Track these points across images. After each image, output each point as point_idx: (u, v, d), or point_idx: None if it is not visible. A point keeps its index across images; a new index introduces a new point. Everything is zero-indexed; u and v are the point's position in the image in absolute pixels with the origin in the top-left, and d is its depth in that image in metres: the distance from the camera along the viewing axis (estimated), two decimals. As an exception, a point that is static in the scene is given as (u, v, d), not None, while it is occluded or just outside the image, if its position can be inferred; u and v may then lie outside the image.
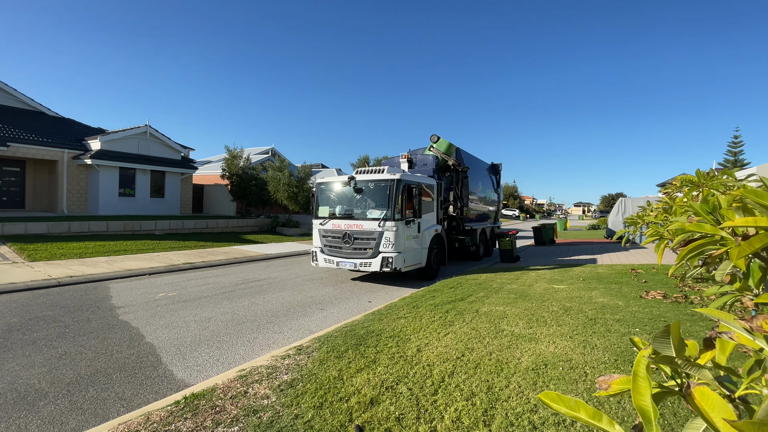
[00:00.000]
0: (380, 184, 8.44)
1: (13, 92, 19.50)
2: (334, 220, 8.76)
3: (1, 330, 5.06)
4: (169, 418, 2.82)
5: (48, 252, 10.46)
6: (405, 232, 8.26)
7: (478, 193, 12.80)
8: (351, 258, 8.38)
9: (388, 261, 7.96)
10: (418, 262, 8.84)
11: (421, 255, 8.91)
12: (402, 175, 8.42)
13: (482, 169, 13.78)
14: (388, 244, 8.03)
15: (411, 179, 8.66)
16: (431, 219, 9.51)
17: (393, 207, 8.10)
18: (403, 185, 8.28)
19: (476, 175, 12.76)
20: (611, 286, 7.47)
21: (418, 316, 5.42)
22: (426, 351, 4.07)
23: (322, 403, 3.01)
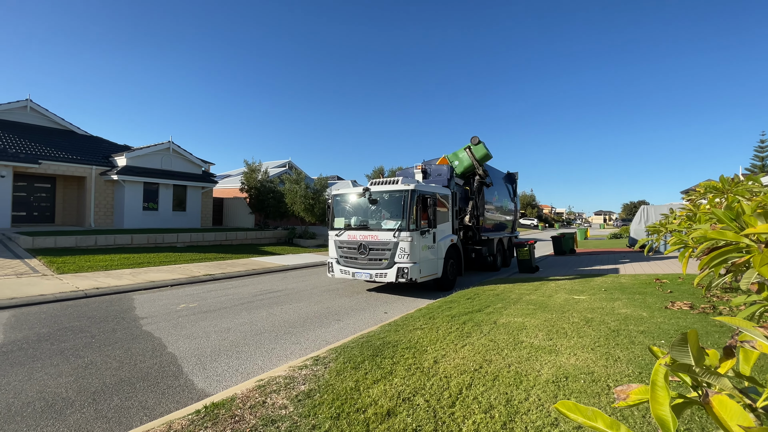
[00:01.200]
0: (395, 194, 8.45)
1: (45, 112, 20.58)
2: (350, 231, 8.80)
3: (32, 340, 5.27)
4: (190, 427, 2.87)
5: (76, 265, 10.86)
6: (420, 242, 8.21)
7: (494, 203, 12.71)
8: (366, 269, 8.36)
9: (404, 271, 7.90)
10: (434, 273, 8.77)
11: (436, 265, 8.84)
12: (416, 185, 8.40)
13: (498, 178, 13.62)
14: (403, 254, 8.00)
15: (425, 189, 8.64)
16: (446, 229, 9.46)
17: (408, 217, 8.09)
18: (417, 195, 8.26)
19: (493, 185, 12.63)
20: (635, 297, 7.24)
21: (435, 327, 5.37)
22: (443, 362, 4.03)
23: (339, 413, 3.01)
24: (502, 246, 13.63)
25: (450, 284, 9.28)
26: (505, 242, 14.02)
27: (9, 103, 19.37)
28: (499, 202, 13.35)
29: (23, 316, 6.46)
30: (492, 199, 12.56)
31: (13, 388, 3.79)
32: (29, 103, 19.90)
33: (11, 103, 19.43)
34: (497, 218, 13.15)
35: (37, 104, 20.15)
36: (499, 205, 13.33)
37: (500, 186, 13.65)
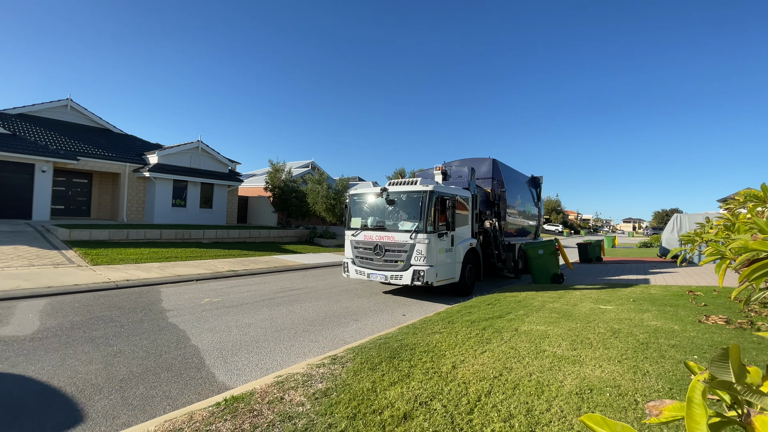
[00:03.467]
0: (413, 195, 8.25)
1: (84, 111, 21.65)
2: (366, 231, 8.67)
3: (65, 327, 5.53)
4: (210, 419, 2.93)
5: (109, 257, 11.35)
6: (437, 245, 8.00)
7: (516, 207, 12.30)
8: (382, 270, 8.21)
9: (420, 274, 7.70)
10: (451, 277, 8.52)
11: (454, 269, 8.60)
12: (435, 186, 8.18)
13: (521, 181, 13.25)
14: (419, 257, 7.79)
15: (444, 191, 8.43)
16: (466, 232, 9.18)
17: (425, 219, 7.88)
18: (436, 197, 8.06)
19: (515, 188, 12.28)
20: (665, 309, 6.92)
21: (454, 332, 5.30)
22: (461, 368, 3.96)
23: (355, 414, 3.01)
24: (523, 252, 13.19)
25: (468, 290, 9.02)
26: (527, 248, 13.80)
27: (51, 102, 20.50)
28: (522, 207, 12.88)
29: (58, 305, 6.80)
30: (514, 203, 12.17)
31: (47, 373, 3.99)
32: (69, 102, 21.00)
33: (53, 102, 20.56)
34: (519, 223, 12.74)
35: (76, 103, 21.23)
36: (522, 210, 12.87)
37: (523, 190, 13.24)
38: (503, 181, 11.17)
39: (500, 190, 11.06)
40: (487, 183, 11.29)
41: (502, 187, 11.08)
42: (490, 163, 11.46)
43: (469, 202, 9.43)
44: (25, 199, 16.71)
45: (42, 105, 20.17)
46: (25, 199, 16.72)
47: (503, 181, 11.18)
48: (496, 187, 11.16)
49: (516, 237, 12.42)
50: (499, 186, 11.14)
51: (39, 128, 18.96)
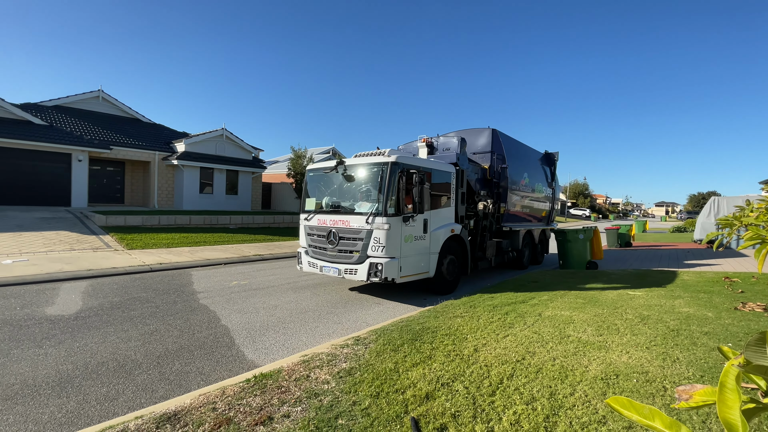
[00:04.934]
0: (372, 169, 6.55)
1: (115, 102, 22.39)
2: (320, 215, 7.02)
3: (105, 307, 5.88)
4: (241, 394, 3.08)
5: (142, 242, 11.90)
6: (402, 231, 6.35)
7: (521, 187, 10.39)
8: (336, 262, 6.62)
9: (377, 268, 6.10)
10: (423, 271, 6.82)
11: (427, 261, 6.89)
12: (398, 157, 6.44)
13: (531, 158, 11.48)
14: (377, 246, 6.19)
15: (411, 163, 6.69)
16: (446, 216, 7.43)
17: (385, 198, 6.21)
18: (400, 171, 6.34)
19: (520, 164, 10.42)
20: (699, 295, 6.66)
21: (476, 316, 5.30)
22: (483, 351, 3.98)
23: (378, 392, 3.08)
24: (531, 239, 11.44)
25: (448, 286, 7.34)
26: (536, 235, 11.78)
27: (84, 94, 21.29)
28: (530, 187, 10.99)
29: (99, 286, 7.21)
30: (519, 182, 10.25)
31: (90, 349, 4.27)
32: (101, 93, 21.75)
33: (85, 94, 21.35)
34: (527, 205, 10.95)
35: (107, 94, 21.97)
36: (530, 190, 10.99)
37: (533, 167, 11.40)
38: (505, 156, 9.42)
39: (501, 167, 9.39)
40: (485, 158, 9.57)
41: (504, 163, 9.37)
42: (489, 135, 9.63)
43: (452, 178, 7.63)
44: (64, 187, 17.62)
45: (75, 96, 20.98)
46: (64, 187, 17.63)
47: (505, 155, 9.42)
48: (496, 162, 9.44)
49: (522, 222, 10.74)
50: (500, 161, 9.43)
51: (74, 119, 19.79)
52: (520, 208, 10.44)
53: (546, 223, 12.45)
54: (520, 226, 10.48)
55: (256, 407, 2.88)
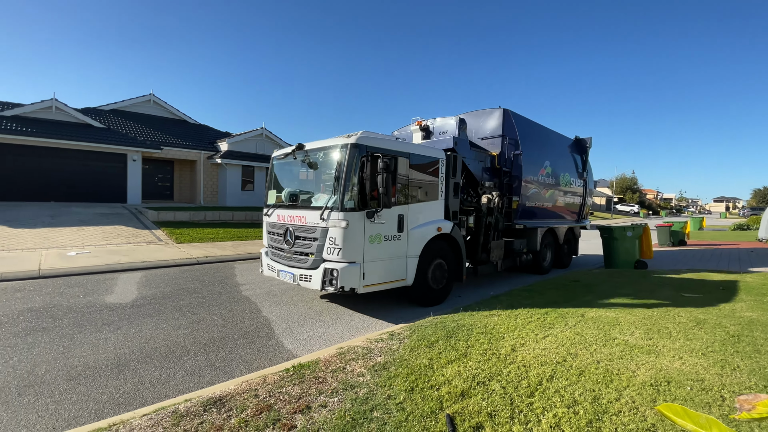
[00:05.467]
0: (330, 154, 5.48)
1: (164, 104, 23.81)
2: (279, 209, 6.02)
3: (158, 297, 6.30)
4: (280, 382, 3.20)
5: (190, 236, 12.61)
6: (366, 229, 5.15)
7: (541, 177, 8.89)
8: (292, 266, 5.59)
9: (332, 275, 4.99)
10: (397, 278, 5.58)
11: (403, 266, 5.62)
12: (361, 138, 5.22)
13: (556, 144, 9.85)
14: (332, 248, 5.05)
15: (380, 146, 5.37)
16: (431, 211, 6.09)
17: (343, 189, 5.05)
18: (363, 155, 5.08)
19: (540, 151, 8.90)
20: (763, 299, 6.10)
21: (513, 315, 5.16)
22: (521, 351, 3.87)
23: (413, 387, 3.09)
24: (553, 239, 9.84)
25: (433, 295, 6.08)
26: (560, 234, 10.08)
27: (137, 98, 22.83)
28: (554, 177, 9.34)
29: (152, 277, 7.74)
30: (538, 172, 8.76)
31: (144, 335, 4.59)
32: (152, 96, 23.21)
33: (138, 98, 22.87)
34: (549, 199, 9.32)
35: (158, 98, 23.41)
36: (554, 182, 9.34)
37: (558, 155, 9.79)
38: (518, 141, 8.07)
39: (513, 153, 8.08)
40: (495, 144, 8.28)
41: (517, 149, 8.05)
42: (500, 116, 8.24)
43: (440, 165, 6.24)
44: (120, 185, 19.01)
45: (129, 100, 22.54)
46: (120, 185, 19.02)
47: (518, 140, 8.07)
48: (508, 148, 8.11)
49: (542, 218, 9.22)
50: (512, 147, 8.11)
51: (128, 121, 21.28)
52: (539, 202, 8.95)
53: (576, 220, 10.91)
54: (539, 223, 9.03)
55: (294, 396, 2.98)
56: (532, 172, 8.52)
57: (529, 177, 8.35)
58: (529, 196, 8.49)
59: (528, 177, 8.33)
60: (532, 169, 8.51)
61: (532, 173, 8.49)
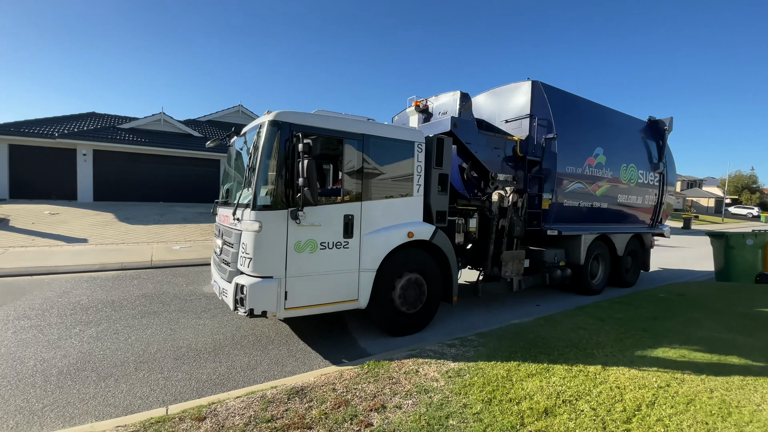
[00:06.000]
0: (252, 136, 4.36)
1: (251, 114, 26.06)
2: (220, 207, 5.05)
3: (246, 289, 6.87)
4: (356, 379, 3.28)
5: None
6: (291, 233, 3.92)
7: (588, 169, 6.85)
8: (220, 276, 4.55)
9: (242, 293, 3.82)
10: (345, 299, 4.27)
11: (351, 284, 4.30)
12: (279, 114, 3.99)
13: (612, 126, 7.71)
14: (245, 257, 3.92)
15: (310, 123, 4.09)
16: (401, 210, 4.68)
17: (258, 181, 3.92)
18: (286, 137, 3.91)
19: (586, 134, 6.96)
20: None
21: (603, 329, 4.70)
22: (614, 371, 3.50)
23: (490, 399, 2.96)
24: (609, 249, 7.57)
25: (405, 322, 4.73)
26: (620, 243, 7.70)
27: (227, 109, 25.37)
28: (609, 169, 7.24)
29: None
30: (584, 162, 6.77)
31: (236, 324, 5.04)
32: (240, 107, 25.58)
33: (229, 109, 25.40)
34: (602, 196, 7.18)
35: (245, 108, 25.74)
36: (609, 175, 7.27)
37: (619, 141, 7.69)
38: (552, 121, 6.28)
39: (545, 137, 6.31)
40: (522, 127, 6.60)
41: (549, 132, 6.28)
42: (528, 91, 6.55)
43: (415, 152, 4.78)
44: (215, 187, 21.28)
45: (221, 112, 25.14)
46: (215, 188, 21.28)
47: (552, 120, 6.28)
48: (538, 131, 6.41)
49: (589, 223, 7.17)
50: (543, 130, 6.37)
51: (221, 130, 23.72)
52: (585, 201, 6.94)
53: (650, 225, 8.55)
54: (584, 228, 6.97)
55: (370, 394, 3.03)
56: (574, 162, 6.66)
57: (567, 168, 6.54)
58: (569, 192, 6.63)
59: (566, 168, 6.51)
60: (574, 158, 6.65)
61: (572, 163, 6.63)
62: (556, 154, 6.30)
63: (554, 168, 6.32)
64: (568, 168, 6.55)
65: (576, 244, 6.85)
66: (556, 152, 6.30)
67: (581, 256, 6.82)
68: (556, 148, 6.30)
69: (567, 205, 6.64)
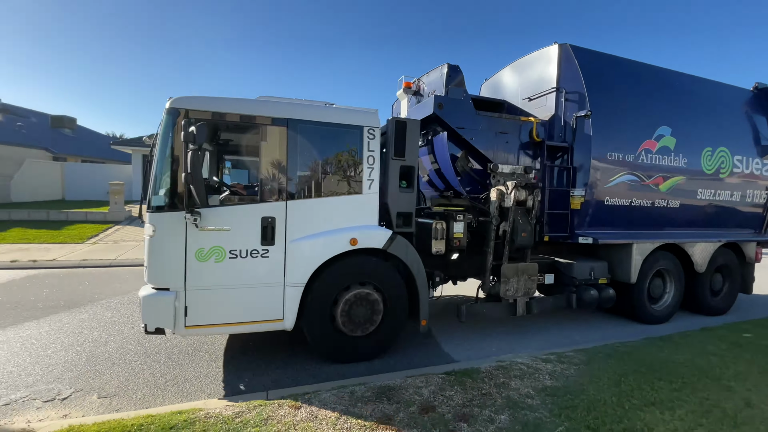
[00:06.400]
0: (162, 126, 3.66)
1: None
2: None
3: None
4: (443, 385, 3.17)
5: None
6: (191, 239, 3.35)
7: (645, 155, 5.21)
8: None
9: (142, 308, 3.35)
10: (266, 318, 3.57)
11: (274, 300, 3.58)
12: (176, 101, 3.41)
13: (684, 94, 5.83)
14: (144, 266, 3.45)
15: (215, 108, 3.48)
16: (345, 211, 3.84)
17: (155, 178, 3.49)
18: (185, 121, 3.30)
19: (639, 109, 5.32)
20: None
21: (741, 357, 3.90)
22: (764, 408, 2.85)
23: (598, 426, 2.62)
24: (680, 264, 5.69)
25: (350, 347, 3.85)
26: (700, 255, 5.74)
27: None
28: (681, 154, 5.45)
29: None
30: (638, 147, 5.18)
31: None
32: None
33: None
34: (671, 192, 5.47)
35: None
36: (683, 163, 5.47)
37: (707, 115, 5.84)
38: (586, 95, 4.90)
39: (574, 116, 5.00)
40: (546, 105, 5.38)
41: (582, 108, 4.95)
42: (554, 58, 5.29)
43: (365, 140, 3.88)
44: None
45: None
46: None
47: (586, 93, 4.90)
48: (567, 109, 5.15)
49: (645, 228, 5.46)
50: (575, 106, 5.05)
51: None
52: (639, 198, 5.26)
53: (759, 231, 6.48)
54: (638, 235, 5.28)
55: (458, 403, 2.90)
56: (621, 146, 5.05)
57: (610, 155, 4.99)
58: (614, 187, 5.05)
59: (607, 155, 4.97)
60: (620, 142, 5.07)
61: (618, 148, 5.03)
62: (590, 137, 4.86)
63: (588, 155, 4.88)
64: (610, 154, 5.01)
65: (624, 255, 5.25)
66: (590, 134, 4.87)
67: (632, 271, 5.16)
68: (590, 129, 4.87)
69: (611, 204, 5.10)
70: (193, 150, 3.07)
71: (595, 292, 4.95)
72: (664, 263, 5.54)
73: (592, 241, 4.93)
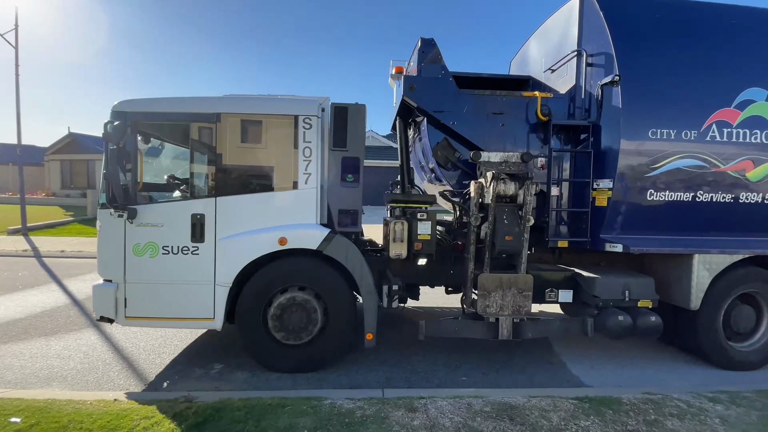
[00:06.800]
0: None
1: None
2: None
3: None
4: (575, 413, 2.78)
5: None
6: (129, 234, 3.51)
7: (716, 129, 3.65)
8: None
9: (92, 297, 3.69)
10: (197, 316, 3.55)
11: (204, 299, 3.53)
12: (115, 105, 3.56)
13: None
14: (97, 259, 3.69)
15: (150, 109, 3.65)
16: (273, 208, 3.62)
17: (103, 176, 3.58)
18: (130, 125, 3.49)
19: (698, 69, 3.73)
20: None
21: None
22: None
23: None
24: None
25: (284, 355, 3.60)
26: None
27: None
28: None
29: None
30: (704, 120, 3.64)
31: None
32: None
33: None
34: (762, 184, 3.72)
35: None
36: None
37: None
38: (614, 55, 3.62)
39: (600, 84, 3.77)
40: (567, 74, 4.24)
41: (610, 73, 3.66)
42: (575, 13, 4.14)
43: (300, 130, 3.60)
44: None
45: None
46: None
47: (614, 54, 3.62)
48: (589, 77, 3.96)
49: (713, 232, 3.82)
50: (601, 70, 3.81)
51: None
52: (705, 191, 3.75)
53: None
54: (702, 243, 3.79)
55: (596, 436, 2.50)
56: (671, 121, 3.65)
57: (652, 133, 3.63)
58: (661, 176, 3.69)
59: (648, 133, 3.62)
60: (670, 115, 3.67)
61: (666, 123, 3.64)
62: (619, 110, 3.60)
63: (617, 134, 3.63)
64: (653, 131, 3.63)
65: (682, 271, 3.80)
66: (619, 106, 3.60)
67: (692, 294, 3.71)
68: (619, 100, 3.59)
69: (656, 200, 3.72)
70: (111, 149, 3.33)
71: (626, 317, 3.64)
72: (754, 285, 3.93)
73: (621, 249, 3.64)
